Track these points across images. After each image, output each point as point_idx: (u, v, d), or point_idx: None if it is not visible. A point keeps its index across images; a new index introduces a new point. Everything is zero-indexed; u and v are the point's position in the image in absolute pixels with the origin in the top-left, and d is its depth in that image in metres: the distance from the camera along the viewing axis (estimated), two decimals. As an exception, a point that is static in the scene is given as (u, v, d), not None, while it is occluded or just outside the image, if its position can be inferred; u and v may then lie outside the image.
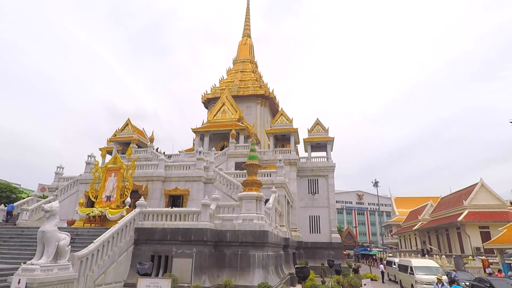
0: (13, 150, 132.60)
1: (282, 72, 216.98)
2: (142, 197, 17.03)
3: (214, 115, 37.91)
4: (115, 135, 35.42)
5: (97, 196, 18.14)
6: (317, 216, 32.61)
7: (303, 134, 36.71)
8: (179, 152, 33.99)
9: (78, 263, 11.33)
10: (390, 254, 54.00)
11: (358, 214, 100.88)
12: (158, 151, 32.27)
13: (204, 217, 14.47)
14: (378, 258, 53.57)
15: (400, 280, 23.00)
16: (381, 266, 29.34)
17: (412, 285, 19.88)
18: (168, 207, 18.93)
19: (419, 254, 43.47)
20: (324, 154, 36.02)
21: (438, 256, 35.41)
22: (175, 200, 20.91)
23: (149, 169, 21.72)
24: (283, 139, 36.15)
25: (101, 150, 35.12)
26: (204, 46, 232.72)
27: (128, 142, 33.42)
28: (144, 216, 15.42)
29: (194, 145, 38.57)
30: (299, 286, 20.41)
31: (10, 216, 21.26)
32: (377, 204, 79.80)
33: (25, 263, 9.00)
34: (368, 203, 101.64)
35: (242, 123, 36.80)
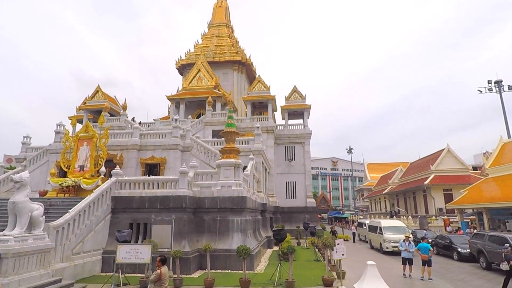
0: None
1: (259, 38, 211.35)
2: (117, 166, 16.66)
3: (190, 82, 36.80)
4: (85, 103, 33.79)
5: (69, 166, 17.56)
6: (293, 182, 33.55)
7: (281, 102, 36.73)
8: (154, 120, 33.16)
9: (54, 233, 11.16)
10: (361, 217, 57.19)
11: (332, 180, 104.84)
12: (134, 121, 31.26)
13: (182, 184, 14.47)
14: (350, 221, 56.61)
15: (370, 239, 24.57)
16: (352, 227, 31.14)
17: (380, 244, 21.34)
18: (144, 176, 18.71)
19: (388, 216, 46.33)
20: (301, 121, 36.38)
21: (405, 217, 37.95)
22: (152, 168, 20.66)
23: (123, 137, 21.11)
24: (261, 107, 36.02)
25: (70, 119, 33.53)
26: (176, 9, 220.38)
27: (99, 110, 32.05)
28: (120, 185, 15.21)
29: (169, 113, 37.63)
30: (276, 248, 21.35)
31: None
32: (350, 170, 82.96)
33: (-3, 234, 8.74)
34: (342, 169, 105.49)
35: (219, 90, 36.07)
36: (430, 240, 20.40)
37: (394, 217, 41.67)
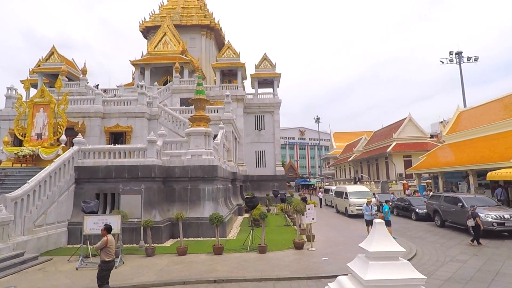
0: None
1: (228, 2, 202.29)
2: (79, 134, 15.64)
3: (155, 47, 34.71)
4: (39, 66, 30.93)
5: (25, 134, 16.21)
6: (263, 151, 33.82)
7: (250, 70, 35.98)
8: (118, 86, 31.26)
9: (12, 205, 10.44)
10: (327, 183, 59.64)
11: (299, 149, 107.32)
12: (99, 89, 29.21)
13: (151, 153, 13.97)
14: (316, 187, 58.92)
15: (336, 204, 25.77)
16: (319, 194, 32.39)
17: (346, 208, 22.45)
18: (109, 145, 17.84)
19: (352, 182, 48.69)
20: (270, 90, 36.09)
21: (368, 182, 40.05)
22: (117, 137, 19.73)
23: (85, 104, 19.74)
24: (230, 75, 35.09)
25: (23, 82, 30.70)
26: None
27: (55, 74, 29.46)
28: (84, 154, 14.38)
29: (134, 79, 35.64)
30: (247, 215, 21.79)
31: None
32: (317, 139, 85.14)
33: None
34: (309, 139, 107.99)
35: (186, 56, 34.48)
36: (391, 203, 21.74)
37: (358, 183, 43.86)
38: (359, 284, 1.44)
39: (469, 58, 38.56)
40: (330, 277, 8.44)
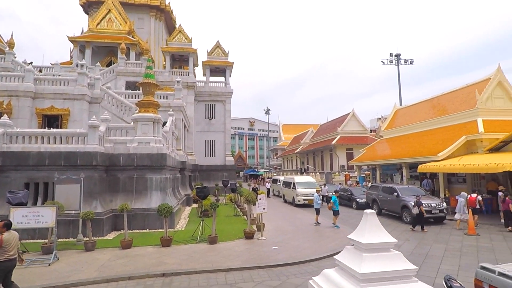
0: None
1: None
2: (4, 115, 13.75)
3: (98, 24, 31.86)
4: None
5: None
6: (213, 140, 33.35)
7: (202, 57, 34.92)
8: (53, 64, 28.17)
9: None
10: (275, 174, 61.05)
11: (249, 140, 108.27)
12: (31, 66, 25.88)
13: (92, 139, 12.81)
14: (265, 177, 60.07)
15: (283, 194, 26.47)
16: (267, 184, 32.97)
17: (293, 198, 23.16)
18: (43, 129, 16.01)
19: (299, 173, 50.46)
20: (222, 79, 35.54)
21: (313, 173, 41.84)
22: (52, 121, 17.79)
23: (11, 81, 17.38)
24: (181, 60, 33.73)
25: None
26: None
27: (-27, 46, 25.58)
28: (10, 138, 12.67)
29: (72, 58, 32.40)
30: (195, 206, 21.36)
31: None
32: (266, 130, 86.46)
33: None
34: (258, 130, 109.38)
35: (134, 37, 32.27)
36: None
37: (304, 173, 45.59)
38: (352, 277, 1.35)
39: (406, 61, 41.91)
40: (280, 265, 8.61)
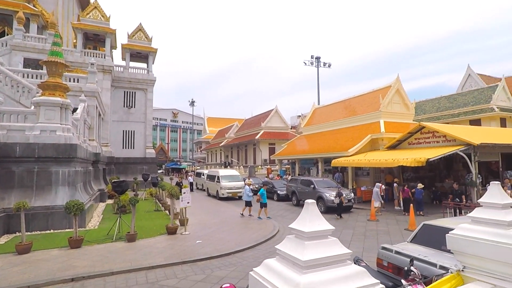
0: None
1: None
2: None
3: (-13, -13, 26.59)
4: None
5: None
6: (132, 131, 31.15)
7: (122, 40, 32.09)
8: None
9: None
10: (198, 167, 60.18)
11: (171, 131, 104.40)
12: None
13: (-22, 125, 10.69)
14: (189, 171, 58.74)
15: (207, 188, 26.21)
16: (189, 178, 32.27)
17: (217, 191, 23.14)
18: None
19: (223, 166, 50.66)
20: (144, 65, 33.34)
21: (237, 167, 42.46)
22: None
23: None
24: (96, 40, 30.48)
25: None
26: None
27: None
28: None
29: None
30: (110, 202, 19.70)
31: None
32: (191, 122, 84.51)
33: None
34: (182, 121, 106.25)
35: (35, 7, 27.88)
36: (257, 186, 23.68)
37: (228, 167, 45.97)
38: (294, 265, 1.36)
39: (325, 64, 45.38)
40: (204, 259, 8.50)
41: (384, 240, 10.41)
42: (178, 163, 69.73)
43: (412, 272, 4.14)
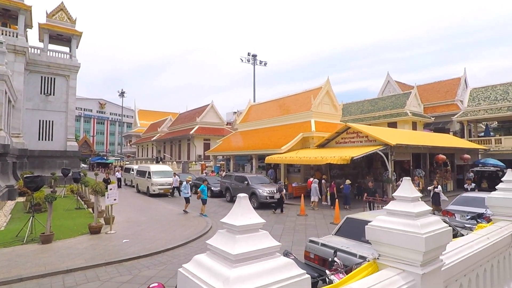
0: None
1: None
2: None
3: None
4: None
5: None
6: (50, 121, 27.96)
7: (39, 18, 28.47)
8: None
9: None
10: (127, 162, 56.60)
11: (98, 123, 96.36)
12: None
13: None
14: (118, 166, 54.87)
15: (137, 184, 24.81)
16: (117, 173, 30.20)
17: (148, 187, 22.06)
18: None
19: (154, 161, 48.48)
20: (67, 49, 30.11)
21: (170, 162, 41.03)
22: None
23: None
24: (5, 16, 26.50)
25: None
26: None
27: None
28: None
29: None
30: (21, 199, 17.43)
31: None
32: (120, 114, 79.00)
33: None
34: (110, 113, 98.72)
35: None
36: (191, 182, 23.17)
37: (161, 162, 44.16)
38: (225, 259, 1.36)
39: (261, 62, 46.34)
40: (132, 259, 8.05)
41: (312, 233, 11.06)
42: (105, 158, 64.76)
43: (335, 262, 4.50)
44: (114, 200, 10.93)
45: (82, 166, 53.79)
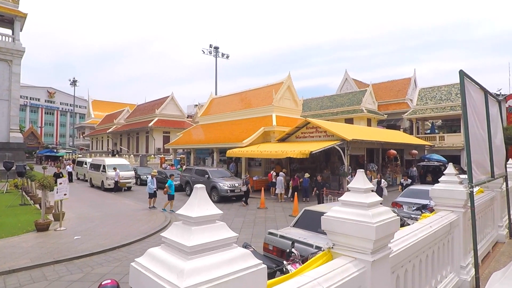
0: None
1: None
2: None
3: None
4: None
5: None
6: (-11, 110, 25.38)
7: (-24, -6, 25.54)
8: None
9: None
10: (80, 155, 53.30)
11: (46, 114, 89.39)
12: None
13: None
14: (69, 159, 51.41)
15: (90, 178, 23.49)
16: (68, 167, 28.35)
17: (103, 181, 20.99)
18: None
19: (110, 155, 46.18)
20: (9, 32, 27.42)
21: (127, 155, 39.33)
22: None
23: None
24: None
25: None
26: None
27: None
28: None
29: None
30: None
31: None
32: (71, 104, 73.96)
33: None
34: (60, 103, 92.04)
35: None
36: (146, 177, 22.40)
37: (116, 155, 42.17)
38: (180, 252, 1.33)
39: (223, 54, 45.79)
40: (84, 256, 7.65)
41: (271, 226, 11.24)
42: (55, 150, 60.38)
43: (293, 253, 4.62)
44: (65, 195, 10.24)
45: (29, 159, 49.79)
